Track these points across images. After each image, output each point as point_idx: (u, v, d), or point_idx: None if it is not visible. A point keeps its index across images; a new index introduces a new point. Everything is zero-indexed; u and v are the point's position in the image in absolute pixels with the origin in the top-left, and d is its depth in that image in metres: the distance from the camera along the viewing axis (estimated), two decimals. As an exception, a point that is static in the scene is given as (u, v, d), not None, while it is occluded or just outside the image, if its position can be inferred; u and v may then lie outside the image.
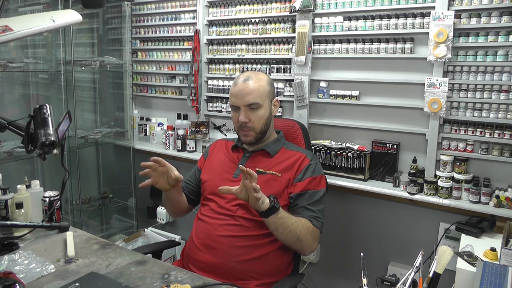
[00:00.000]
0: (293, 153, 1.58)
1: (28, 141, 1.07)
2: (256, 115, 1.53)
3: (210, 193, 1.56)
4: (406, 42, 2.02)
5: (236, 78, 1.58)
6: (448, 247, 1.07)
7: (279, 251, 1.46)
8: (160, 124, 2.99)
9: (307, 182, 1.50)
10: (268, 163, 1.55)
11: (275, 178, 1.51)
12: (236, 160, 1.61)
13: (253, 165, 1.52)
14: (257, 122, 1.53)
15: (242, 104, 1.52)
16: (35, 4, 2.76)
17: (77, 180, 2.72)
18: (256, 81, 1.53)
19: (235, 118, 1.57)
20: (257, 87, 1.53)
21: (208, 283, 1.12)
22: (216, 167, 1.63)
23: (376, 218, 2.16)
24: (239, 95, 1.52)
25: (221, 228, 1.45)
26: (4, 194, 1.45)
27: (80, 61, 2.69)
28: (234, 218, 1.46)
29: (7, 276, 1.03)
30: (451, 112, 1.93)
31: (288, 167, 1.53)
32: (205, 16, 2.65)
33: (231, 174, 1.57)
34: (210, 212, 1.51)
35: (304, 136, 1.82)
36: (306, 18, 2.22)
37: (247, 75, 1.56)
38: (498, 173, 1.86)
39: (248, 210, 1.44)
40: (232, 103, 1.56)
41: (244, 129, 1.54)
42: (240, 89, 1.52)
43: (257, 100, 1.52)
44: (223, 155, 1.67)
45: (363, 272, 1.04)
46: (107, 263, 1.21)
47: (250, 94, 1.51)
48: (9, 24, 0.95)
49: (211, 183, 1.58)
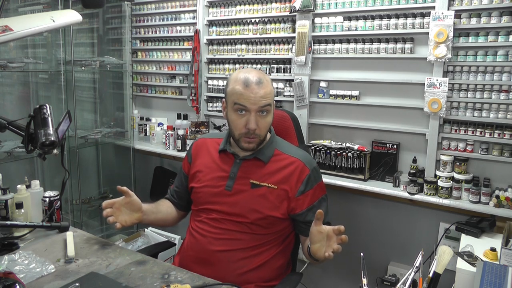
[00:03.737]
0: (289, 159, 1.43)
1: (28, 141, 1.07)
2: (265, 121, 1.37)
3: (202, 207, 1.46)
4: (406, 42, 2.02)
5: (244, 77, 1.35)
6: (448, 247, 1.07)
7: (277, 255, 1.43)
8: (160, 124, 2.99)
9: (312, 195, 1.41)
10: (262, 173, 1.41)
11: (271, 191, 1.39)
12: (227, 168, 1.45)
13: (246, 176, 1.41)
14: (264, 129, 1.39)
15: (255, 109, 1.33)
16: (35, 4, 2.76)
17: (77, 180, 2.72)
18: (267, 83, 1.37)
19: (240, 122, 1.36)
20: (269, 90, 1.36)
21: (208, 283, 1.12)
22: (206, 175, 1.48)
23: (376, 218, 2.16)
24: (253, 98, 1.32)
25: (217, 242, 1.38)
26: (4, 194, 1.45)
27: (80, 61, 2.69)
28: (229, 232, 1.39)
29: (7, 276, 1.03)
30: (451, 112, 1.93)
31: (285, 178, 1.40)
32: (205, 16, 2.65)
33: (223, 186, 1.42)
34: (204, 225, 1.43)
35: (295, 128, 1.71)
36: (306, 18, 2.22)
37: (257, 75, 1.36)
38: (498, 173, 1.86)
39: (243, 224, 1.38)
40: (241, 105, 1.34)
41: (251, 136, 1.37)
42: (255, 92, 1.32)
43: (270, 102, 1.37)
44: (209, 160, 1.50)
45: (363, 272, 1.04)
46: (107, 263, 1.21)
47: (265, 97, 1.34)
48: (9, 24, 0.95)
49: (202, 196, 1.46)
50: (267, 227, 1.39)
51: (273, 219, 1.38)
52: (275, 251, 1.42)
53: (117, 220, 1.33)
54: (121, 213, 1.36)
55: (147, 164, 3.04)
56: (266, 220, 1.38)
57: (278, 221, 1.40)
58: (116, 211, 1.35)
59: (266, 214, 1.37)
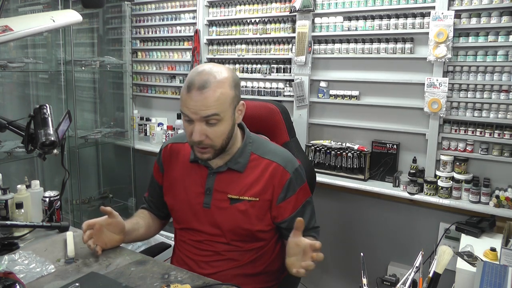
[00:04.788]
0: (267, 162, 1.27)
1: (28, 141, 1.06)
2: (214, 130, 1.15)
3: (184, 227, 1.34)
4: (406, 42, 2.02)
5: (190, 77, 1.15)
6: (448, 247, 1.07)
7: (272, 261, 1.37)
8: (160, 124, 2.99)
9: (294, 200, 1.27)
10: (240, 184, 1.26)
11: (253, 204, 1.24)
12: (201, 182, 1.30)
13: (223, 190, 1.26)
14: (217, 139, 1.17)
15: (197, 118, 1.14)
16: (35, 4, 2.76)
17: (77, 180, 2.72)
18: (216, 87, 1.12)
19: (188, 130, 1.18)
20: (217, 96, 1.12)
21: (208, 283, 1.11)
22: (181, 192, 1.33)
23: (376, 218, 2.16)
24: (192, 107, 1.12)
25: (207, 266, 1.29)
26: (4, 194, 1.45)
27: (80, 61, 2.69)
28: (218, 254, 1.28)
29: (7, 276, 1.03)
30: (451, 112, 1.93)
31: (266, 187, 1.25)
32: (205, 16, 2.65)
33: (201, 202, 1.28)
34: (191, 248, 1.32)
35: (285, 122, 1.58)
36: (306, 18, 2.22)
37: (204, 77, 1.13)
38: (498, 173, 1.86)
39: (230, 244, 1.28)
40: (183, 113, 1.16)
41: (200, 146, 1.18)
42: (195, 99, 1.11)
43: (217, 111, 1.13)
44: (182, 172, 1.34)
45: (363, 272, 1.04)
46: (107, 263, 1.21)
47: (208, 107, 1.12)
48: (9, 24, 0.95)
49: (181, 214, 1.33)
50: (256, 241, 1.31)
51: (260, 233, 1.30)
52: (269, 258, 1.36)
53: (97, 243, 1.22)
54: (102, 234, 1.24)
55: (147, 164, 3.04)
56: (253, 236, 1.29)
57: (266, 233, 1.31)
58: (96, 233, 1.22)
59: (252, 230, 1.27)
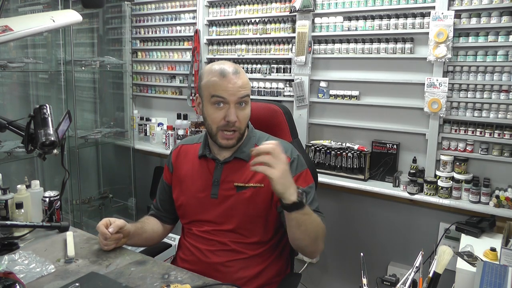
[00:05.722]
0: None
1: (28, 141, 1.06)
2: (244, 113, 1.30)
3: (192, 220, 1.40)
4: (406, 42, 2.02)
5: (219, 68, 1.28)
6: (448, 247, 1.07)
7: (277, 258, 1.40)
8: (160, 124, 2.99)
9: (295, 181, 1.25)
10: (246, 172, 1.33)
11: (258, 190, 1.31)
12: (209, 175, 1.37)
13: (229, 179, 1.34)
14: (244, 122, 1.32)
15: (234, 100, 1.26)
16: (35, 4, 2.76)
17: (77, 180, 2.72)
18: (244, 74, 1.31)
19: (218, 116, 1.28)
20: (247, 80, 1.30)
21: (208, 283, 1.11)
22: (189, 186, 1.40)
23: (376, 218, 2.16)
24: (231, 89, 1.25)
25: (212, 255, 1.33)
26: (4, 194, 1.45)
27: (80, 61, 2.69)
28: (224, 244, 1.33)
29: (7, 276, 1.03)
30: (451, 112, 1.93)
31: None
32: (205, 16, 2.65)
33: (208, 193, 1.36)
34: (197, 238, 1.37)
35: (288, 123, 1.63)
36: (306, 18, 2.22)
37: (231, 66, 1.30)
38: (498, 173, 1.86)
39: (236, 233, 1.32)
40: (219, 97, 1.26)
41: (230, 129, 1.29)
42: (233, 82, 1.25)
43: (249, 93, 1.30)
44: (191, 168, 1.42)
45: (363, 272, 1.04)
46: (107, 263, 1.21)
47: (243, 88, 1.27)
48: (9, 24, 0.94)
49: (188, 209, 1.40)
50: (259, 235, 1.33)
51: (264, 220, 1.32)
52: (272, 255, 1.38)
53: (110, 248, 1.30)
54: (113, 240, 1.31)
55: (147, 164, 3.04)
56: (257, 223, 1.32)
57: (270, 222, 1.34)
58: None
59: (256, 216, 1.31)
